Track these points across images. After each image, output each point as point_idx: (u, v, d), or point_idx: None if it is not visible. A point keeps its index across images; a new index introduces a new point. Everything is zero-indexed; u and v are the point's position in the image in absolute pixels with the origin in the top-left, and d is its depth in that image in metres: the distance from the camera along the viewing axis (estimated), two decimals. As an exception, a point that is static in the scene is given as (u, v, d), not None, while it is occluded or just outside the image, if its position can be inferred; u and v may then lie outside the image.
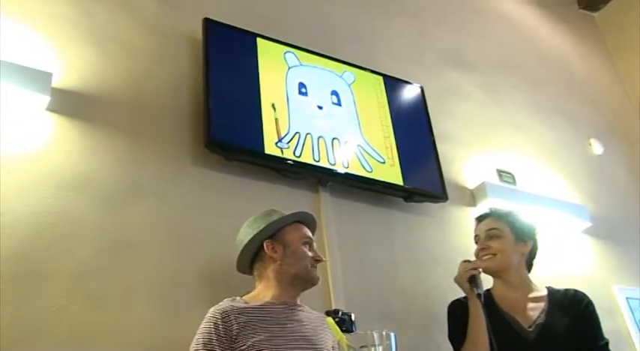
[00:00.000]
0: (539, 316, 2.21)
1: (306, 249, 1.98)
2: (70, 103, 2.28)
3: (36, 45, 2.33)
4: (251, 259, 2.03)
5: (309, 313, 1.95)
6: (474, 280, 2.26)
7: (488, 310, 2.24)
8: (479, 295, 2.22)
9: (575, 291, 2.30)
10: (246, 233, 2.02)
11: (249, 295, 1.95)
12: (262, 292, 1.94)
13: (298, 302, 1.97)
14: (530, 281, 2.33)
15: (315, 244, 2.05)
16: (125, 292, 2.07)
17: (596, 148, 4.07)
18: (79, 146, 2.24)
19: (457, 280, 2.31)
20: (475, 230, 2.41)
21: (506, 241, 2.31)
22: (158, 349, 2.02)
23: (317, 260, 1.99)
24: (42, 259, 1.98)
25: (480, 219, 2.41)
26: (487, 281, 2.34)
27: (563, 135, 3.98)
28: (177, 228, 2.29)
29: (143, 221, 2.24)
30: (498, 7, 4.36)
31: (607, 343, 2.19)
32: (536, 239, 2.38)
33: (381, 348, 1.63)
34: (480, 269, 2.30)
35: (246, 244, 2.01)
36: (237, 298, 1.89)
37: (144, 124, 2.44)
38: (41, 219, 2.04)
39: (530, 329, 2.19)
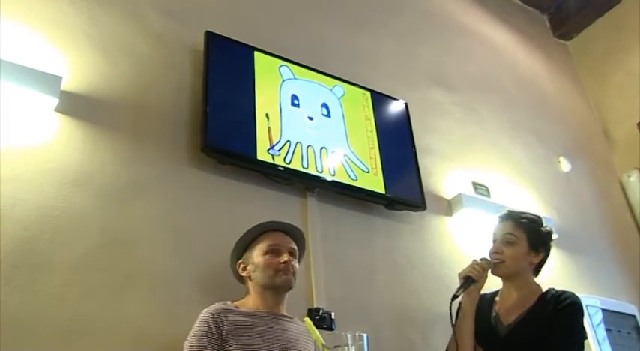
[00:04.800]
0: (519, 315, 2.16)
1: (267, 258, 1.99)
2: (77, 106, 2.28)
3: (48, 51, 2.33)
4: (238, 277, 2.09)
5: (297, 324, 1.98)
6: (466, 280, 2.21)
7: (484, 308, 2.23)
8: (454, 296, 2.17)
9: (564, 292, 2.17)
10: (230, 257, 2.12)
11: (240, 301, 1.98)
12: (250, 301, 1.98)
13: (284, 312, 2.00)
14: (535, 284, 2.24)
15: (286, 246, 2.03)
16: (121, 285, 2.06)
17: (565, 165, 4.10)
18: (83, 146, 2.24)
19: (459, 273, 2.26)
20: (495, 228, 2.30)
21: (519, 249, 2.21)
22: (151, 341, 2.01)
23: (282, 263, 1.97)
24: (45, 250, 1.98)
25: (501, 219, 2.30)
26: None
27: (535, 152, 4.01)
28: (172, 225, 2.30)
29: (141, 218, 2.24)
30: (479, 32, 4.40)
31: (575, 343, 2.06)
32: (549, 248, 2.28)
33: (354, 348, 1.63)
34: (477, 275, 2.22)
35: (231, 267, 2.11)
36: (228, 302, 1.93)
37: (145, 127, 2.44)
38: (46, 212, 2.04)
39: (506, 326, 2.16)
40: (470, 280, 2.21)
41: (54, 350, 1.85)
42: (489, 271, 2.26)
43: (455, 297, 2.18)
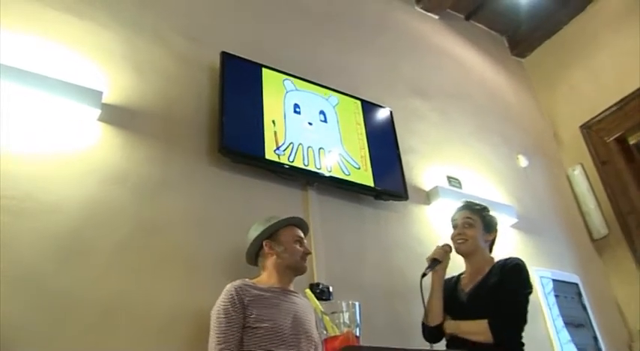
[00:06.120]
0: (476, 282, 2.21)
1: (297, 246, 2.03)
2: (115, 116, 2.29)
3: (91, 70, 2.34)
4: (255, 253, 2.09)
5: (303, 299, 2.00)
6: (433, 262, 2.27)
7: (451, 285, 2.29)
8: (423, 275, 2.21)
9: (509, 258, 2.25)
10: (251, 235, 2.08)
11: (256, 279, 2.00)
12: (265, 278, 2.00)
13: (292, 288, 2.01)
14: (490, 258, 2.30)
15: (305, 241, 2.08)
16: (154, 266, 2.08)
17: (523, 161, 4.10)
18: (121, 149, 2.25)
19: (427, 258, 2.31)
20: (454, 216, 2.39)
21: (477, 230, 2.30)
22: (181, 313, 2.03)
23: (306, 253, 2.05)
24: (90, 237, 1.99)
25: (459, 209, 2.39)
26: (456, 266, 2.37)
27: (498, 151, 4.01)
28: (195, 215, 2.30)
29: (169, 209, 2.25)
30: (451, 51, 4.40)
31: (520, 294, 2.09)
32: (497, 229, 2.38)
33: (347, 314, 1.64)
34: (441, 257, 2.29)
35: (251, 244, 2.07)
36: (247, 279, 1.94)
37: (172, 133, 2.44)
38: (90, 206, 2.05)
39: (466, 293, 2.21)
40: (436, 261, 2.27)
41: (98, 322, 1.86)
42: (454, 251, 2.34)
43: (424, 275, 2.22)
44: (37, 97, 2.08)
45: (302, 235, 2.09)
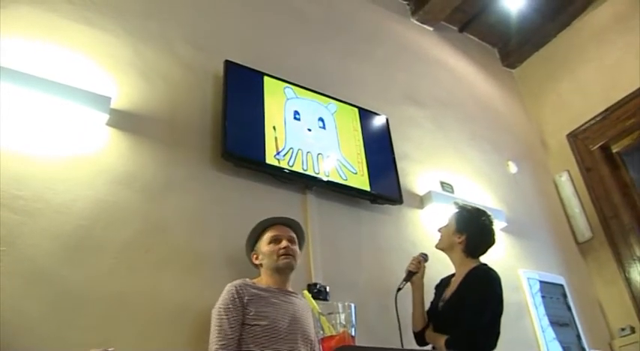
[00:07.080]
0: (453, 291, 2.16)
1: (271, 246, 2.01)
2: (123, 120, 2.29)
3: (100, 77, 2.33)
4: (253, 264, 2.10)
5: (300, 299, 1.99)
6: (408, 274, 2.27)
7: (441, 290, 2.27)
8: (398, 289, 2.21)
9: (478, 268, 2.18)
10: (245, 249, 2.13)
11: (256, 279, 1.99)
12: (263, 280, 1.99)
13: (290, 289, 2.00)
14: (471, 263, 2.21)
15: (283, 235, 2.04)
16: (159, 263, 2.07)
17: (512, 168, 4.10)
18: (129, 152, 2.25)
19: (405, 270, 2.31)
20: None
21: (448, 229, 2.31)
22: (184, 309, 2.02)
23: (282, 249, 2.00)
24: (98, 235, 1.99)
25: None
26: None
27: (489, 157, 4.00)
28: (199, 216, 2.30)
29: (174, 210, 2.24)
30: (445, 61, 4.40)
31: (481, 306, 2.01)
32: (473, 232, 2.26)
33: (343, 315, 1.64)
34: (415, 268, 2.28)
35: (247, 256, 2.11)
36: (247, 279, 1.94)
37: (177, 137, 2.44)
38: (99, 205, 2.05)
39: (444, 301, 2.17)
40: (411, 273, 2.28)
41: (105, 318, 1.86)
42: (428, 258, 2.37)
43: (399, 289, 2.23)
44: (49, 102, 2.08)
45: (278, 232, 2.05)
